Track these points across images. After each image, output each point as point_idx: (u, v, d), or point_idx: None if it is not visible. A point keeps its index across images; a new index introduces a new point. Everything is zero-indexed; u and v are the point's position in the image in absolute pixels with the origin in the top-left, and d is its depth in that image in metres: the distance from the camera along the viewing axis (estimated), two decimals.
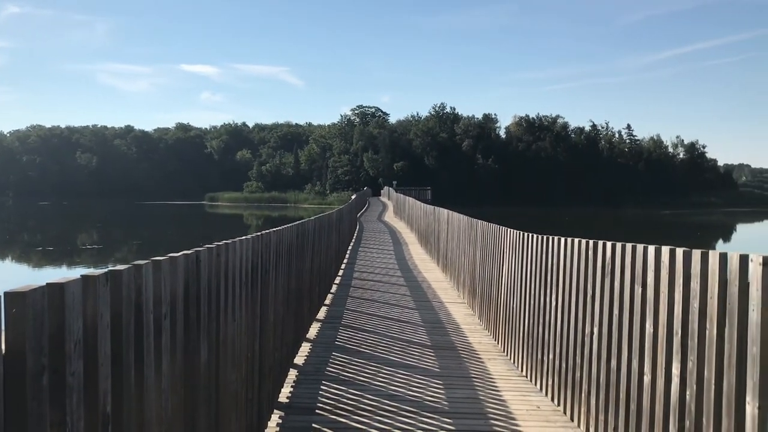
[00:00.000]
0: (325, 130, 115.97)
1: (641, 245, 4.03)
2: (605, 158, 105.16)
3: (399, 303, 10.54)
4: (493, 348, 7.69)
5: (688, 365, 3.39)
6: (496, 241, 8.31)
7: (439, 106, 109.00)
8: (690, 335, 3.39)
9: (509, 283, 7.42)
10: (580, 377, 4.95)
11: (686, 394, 3.40)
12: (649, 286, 3.87)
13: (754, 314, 2.86)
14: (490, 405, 5.48)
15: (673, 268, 3.59)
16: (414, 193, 49.30)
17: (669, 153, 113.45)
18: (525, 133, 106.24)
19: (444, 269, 14.29)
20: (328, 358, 6.85)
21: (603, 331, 4.56)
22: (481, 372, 6.57)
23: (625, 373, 4.17)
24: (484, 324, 8.88)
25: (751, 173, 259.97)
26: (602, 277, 4.62)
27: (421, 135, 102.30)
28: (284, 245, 5.81)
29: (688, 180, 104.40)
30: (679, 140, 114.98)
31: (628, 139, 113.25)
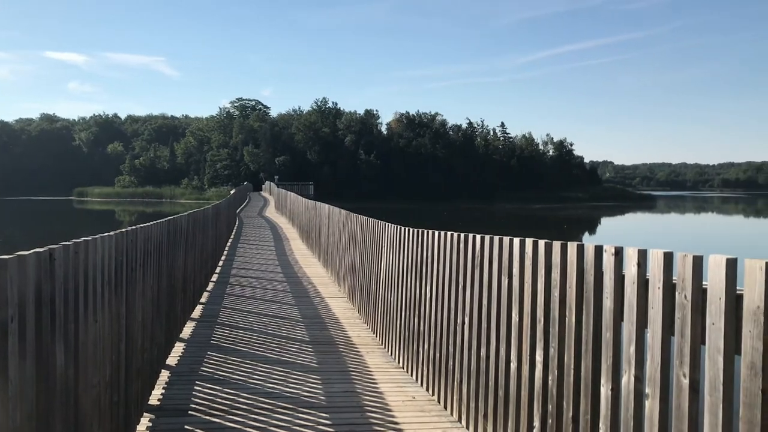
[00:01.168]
0: (203, 122, 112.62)
1: (507, 238, 4.19)
2: (481, 155, 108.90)
3: (278, 299, 10.42)
4: (371, 341, 7.76)
5: (550, 351, 3.57)
6: (375, 235, 8.39)
7: (321, 101, 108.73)
8: (551, 323, 3.56)
9: (387, 276, 7.51)
10: (453, 366, 5.09)
11: (549, 379, 3.57)
12: (515, 277, 4.03)
13: (608, 302, 3.04)
14: (367, 398, 5.52)
15: (536, 260, 3.76)
16: (296, 188, 48.95)
17: (540, 150, 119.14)
18: (405, 129, 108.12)
19: (325, 264, 14.28)
20: (203, 357, 6.66)
21: (474, 321, 4.71)
22: (360, 365, 6.61)
23: (494, 361, 4.32)
24: (363, 318, 8.95)
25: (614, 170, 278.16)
26: (473, 269, 4.77)
27: (304, 129, 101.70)
28: (153, 242, 5.58)
29: (557, 176, 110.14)
30: (549, 138, 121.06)
31: (502, 136, 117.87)
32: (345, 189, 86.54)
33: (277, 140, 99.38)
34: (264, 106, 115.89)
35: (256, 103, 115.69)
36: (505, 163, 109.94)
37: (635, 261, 2.82)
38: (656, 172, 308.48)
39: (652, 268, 2.72)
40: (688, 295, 2.49)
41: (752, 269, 2.19)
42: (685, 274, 2.51)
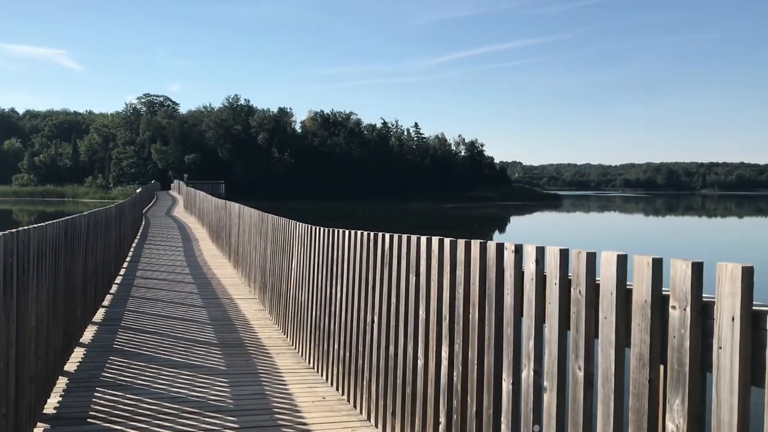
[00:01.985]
0: (108, 119, 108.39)
1: (415, 236, 4.23)
2: (395, 154, 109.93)
3: (185, 301, 10.15)
4: (282, 342, 7.67)
5: (455, 348, 3.62)
6: (286, 235, 8.30)
7: (233, 98, 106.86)
8: (456, 320, 3.62)
9: (298, 276, 7.44)
10: (363, 365, 5.10)
11: (454, 375, 3.63)
12: (422, 275, 4.08)
13: (509, 298, 3.11)
14: (276, 400, 5.45)
15: (442, 257, 3.81)
16: (207, 187, 47.85)
17: (452, 151, 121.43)
18: (320, 128, 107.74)
19: (235, 265, 14.02)
20: (104, 362, 6.39)
21: (382, 319, 4.73)
22: (269, 367, 6.52)
23: (402, 358, 4.36)
24: (274, 319, 8.84)
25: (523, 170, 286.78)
26: (382, 268, 4.79)
27: (215, 127, 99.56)
28: (49, 243, 5.30)
29: (469, 176, 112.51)
30: (461, 139, 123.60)
31: (415, 136, 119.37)
32: (258, 188, 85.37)
33: (186, 138, 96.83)
34: (173, 102, 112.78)
35: (164, 99, 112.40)
36: (419, 163, 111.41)
37: (533, 258, 2.90)
38: (562, 172, 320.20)
39: (549, 264, 2.80)
40: (582, 291, 2.58)
41: (641, 265, 2.29)
42: (580, 270, 2.60)
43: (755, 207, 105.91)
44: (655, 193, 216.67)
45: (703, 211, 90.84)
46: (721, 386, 1.96)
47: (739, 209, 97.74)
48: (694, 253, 24.73)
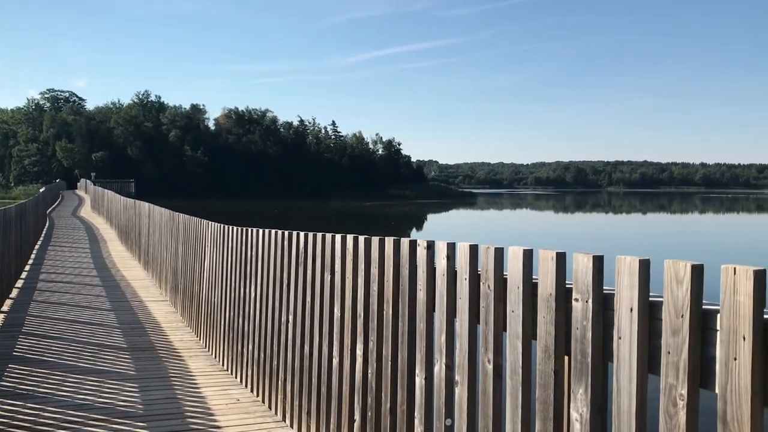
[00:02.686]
0: (7, 114, 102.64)
1: (330, 235, 4.21)
2: (313, 153, 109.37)
3: (92, 305, 9.74)
4: (194, 345, 7.49)
5: (370, 345, 3.63)
6: (197, 234, 8.10)
7: (143, 94, 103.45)
8: (371, 317, 3.63)
9: (211, 276, 7.28)
10: (278, 366, 5.04)
11: (368, 372, 3.63)
12: (337, 273, 4.06)
13: (422, 294, 3.14)
14: (188, 403, 5.31)
15: (356, 255, 3.81)
16: (115, 186, 46.19)
17: (370, 149, 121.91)
18: (235, 125, 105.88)
19: (146, 266, 13.58)
20: (3, 371, 6.05)
21: (297, 319, 4.69)
22: (181, 371, 6.35)
23: (317, 357, 4.33)
24: (186, 321, 8.61)
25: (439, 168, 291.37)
26: (297, 267, 4.74)
27: (124, 124, 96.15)
28: None
29: (386, 174, 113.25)
30: (379, 137, 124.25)
31: (333, 135, 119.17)
32: (170, 187, 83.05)
33: (93, 135, 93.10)
34: (79, 98, 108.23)
35: (69, 95, 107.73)
36: (337, 161, 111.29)
37: (445, 254, 2.94)
38: (477, 171, 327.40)
39: (460, 260, 2.84)
40: (491, 285, 2.64)
41: (545, 259, 2.35)
42: (488, 265, 2.65)
43: (657, 203, 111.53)
44: (565, 191, 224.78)
45: (609, 208, 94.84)
46: (621, 375, 2.04)
47: (642, 206, 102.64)
48: (599, 247, 25.82)
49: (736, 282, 1.70)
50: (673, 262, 1.88)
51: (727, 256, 24.67)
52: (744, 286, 1.68)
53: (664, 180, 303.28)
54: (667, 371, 1.89)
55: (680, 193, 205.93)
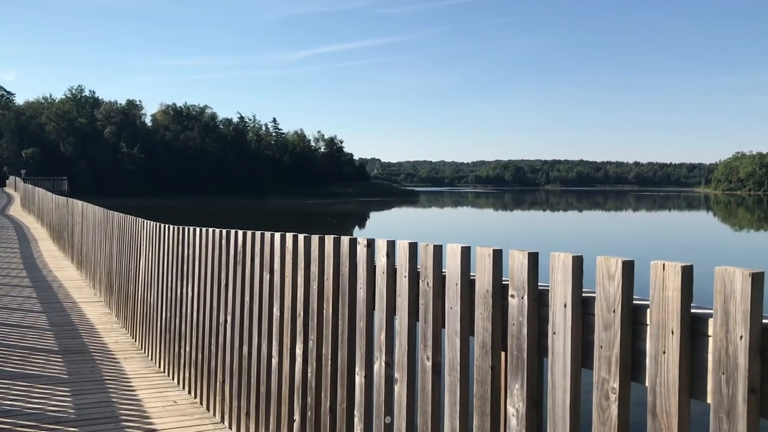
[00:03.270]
0: None
1: (269, 233, 4.16)
2: (253, 150, 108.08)
3: (22, 306, 9.38)
4: (130, 347, 7.29)
5: (310, 344, 3.60)
6: (133, 233, 7.89)
7: (76, 89, 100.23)
8: (311, 316, 3.60)
9: (147, 276, 7.10)
10: (216, 366, 4.95)
11: (308, 372, 3.60)
12: (276, 272, 4.01)
13: (362, 292, 3.13)
14: (123, 407, 5.17)
15: (296, 254, 3.77)
16: (47, 184, 44.60)
17: (311, 147, 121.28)
18: (173, 122, 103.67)
19: (79, 266, 13.16)
20: None
21: (236, 319, 4.62)
22: (116, 373, 6.17)
23: (256, 358, 4.27)
24: (121, 322, 8.38)
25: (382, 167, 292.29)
26: (235, 266, 4.67)
27: (56, 119, 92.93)
28: None
29: (328, 172, 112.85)
30: (321, 135, 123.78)
31: (274, 132, 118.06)
32: (105, 184, 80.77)
33: (23, 131, 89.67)
34: (7, 92, 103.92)
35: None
36: (278, 158, 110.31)
37: (384, 252, 2.94)
38: (419, 169, 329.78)
39: (399, 258, 2.85)
40: (430, 282, 2.65)
41: (482, 256, 2.37)
42: (427, 262, 2.66)
43: (593, 201, 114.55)
44: (504, 189, 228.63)
45: (547, 206, 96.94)
46: (555, 370, 2.08)
47: (579, 203, 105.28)
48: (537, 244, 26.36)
49: (665, 277, 1.75)
50: (604, 259, 1.92)
51: (659, 252, 25.55)
52: (672, 281, 1.73)
53: (599, 178, 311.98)
54: (599, 365, 1.93)
55: (615, 191, 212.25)
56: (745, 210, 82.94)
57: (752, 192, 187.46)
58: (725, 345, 1.61)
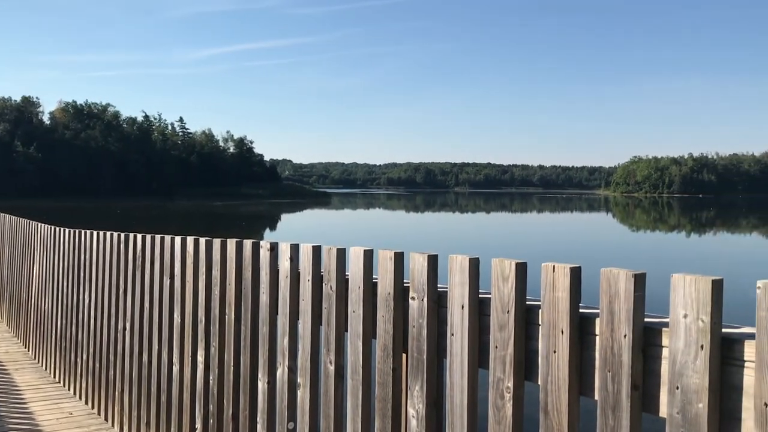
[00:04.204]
0: None
1: (169, 237, 4.03)
2: (159, 150, 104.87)
3: None
4: (22, 357, 6.91)
5: (211, 351, 3.51)
6: (26, 237, 7.47)
7: None
8: (212, 322, 3.51)
9: (41, 283, 6.74)
10: (114, 375, 4.76)
11: (210, 379, 3.51)
12: (177, 277, 3.90)
13: (264, 296, 3.08)
14: (14, 420, 4.88)
15: (197, 258, 3.67)
16: None
17: (220, 147, 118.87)
18: (73, 120, 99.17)
19: None
20: None
21: (135, 326, 4.45)
22: (7, 385, 5.83)
23: (156, 366, 4.13)
24: (13, 331, 7.93)
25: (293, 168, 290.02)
26: (134, 271, 4.50)
27: None
28: None
29: (238, 173, 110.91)
30: (230, 135, 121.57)
31: (181, 131, 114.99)
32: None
33: None
34: None
35: None
36: (185, 159, 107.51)
37: (288, 255, 2.90)
38: (331, 171, 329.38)
39: (303, 261, 2.82)
40: (333, 286, 2.63)
41: (384, 259, 2.38)
42: (331, 266, 2.65)
43: (500, 203, 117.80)
44: (415, 191, 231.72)
45: (456, 207, 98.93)
46: (453, 370, 2.11)
47: (486, 205, 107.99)
48: (444, 246, 26.81)
49: (555, 279, 1.80)
50: (499, 261, 1.96)
51: (559, 253, 26.51)
52: (562, 282, 1.79)
53: (506, 181, 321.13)
54: (495, 365, 1.97)
55: (520, 194, 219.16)
56: (642, 211, 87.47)
57: (648, 194, 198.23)
58: (611, 343, 1.68)
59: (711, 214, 76.84)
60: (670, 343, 1.56)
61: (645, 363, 1.64)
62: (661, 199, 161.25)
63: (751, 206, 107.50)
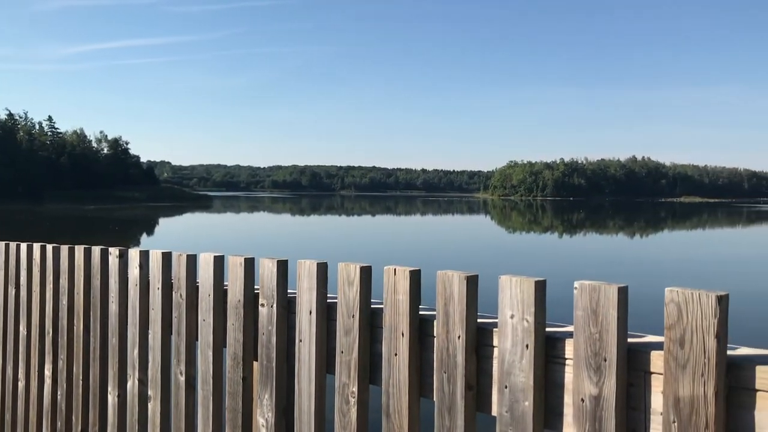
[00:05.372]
0: None
1: (15, 243, 3.76)
2: (25, 150, 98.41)
3: None
4: None
5: (59, 364, 3.30)
6: None
7: None
8: (60, 333, 3.30)
9: None
10: None
11: (58, 394, 3.30)
12: (23, 286, 3.64)
13: (114, 306, 2.93)
14: None
15: (44, 266, 3.45)
16: None
17: (93, 147, 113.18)
18: None
19: None
20: None
21: None
22: None
23: (0, 382, 3.84)
24: None
25: (173, 170, 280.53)
26: None
27: None
28: None
29: (113, 175, 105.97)
30: (103, 135, 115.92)
31: (50, 131, 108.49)
32: None
33: None
34: None
35: None
36: (54, 160, 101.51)
37: (137, 263, 2.77)
38: (213, 173, 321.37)
39: (153, 269, 2.70)
40: (183, 294, 2.54)
41: (234, 265, 2.32)
42: (181, 273, 2.55)
43: (385, 206, 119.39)
44: (301, 194, 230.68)
45: (342, 210, 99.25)
46: (301, 377, 2.08)
47: (371, 208, 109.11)
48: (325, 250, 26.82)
49: (396, 281, 1.82)
50: (345, 265, 1.95)
51: (433, 257, 27.19)
52: (402, 285, 1.80)
53: (390, 184, 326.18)
54: (340, 370, 1.96)
55: (405, 197, 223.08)
56: (518, 213, 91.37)
57: (523, 197, 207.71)
58: (446, 345, 1.71)
59: (581, 216, 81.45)
60: (499, 343, 1.61)
61: (479, 363, 1.69)
62: (536, 201, 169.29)
63: (617, 208, 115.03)
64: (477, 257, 26.27)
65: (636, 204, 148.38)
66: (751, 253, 30.34)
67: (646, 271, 21.79)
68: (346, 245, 33.49)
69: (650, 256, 28.47)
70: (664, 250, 32.56)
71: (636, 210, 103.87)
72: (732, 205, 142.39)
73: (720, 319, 1.27)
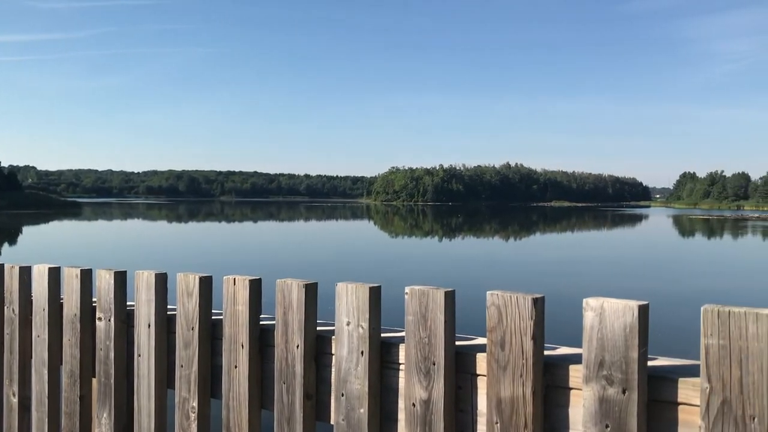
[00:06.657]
0: None
1: None
2: None
3: None
4: None
5: None
6: None
7: None
8: None
9: None
10: None
11: None
12: None
13: None
14: None
15: None
16: None
17: None
18: None
19: None
20: None
21: None
22: None
23: None
24: None
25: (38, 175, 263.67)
26: None
27: None
28: None
29: None
30: None
31: None
32: None
33: None
34: None
35: None
36: None
37: None
38: (82, 178, 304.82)
39: None
40: (15, 309, 2.37)
41: (70, 277, 2.19)
42: (13, 286, 2.38)
43: (267, 212, 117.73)
44: (178, 200, 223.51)
45: (222, 217, 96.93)
46: (141, 393, 1.99)
47: (253, 214, 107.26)
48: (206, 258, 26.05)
49: (236, 292, 1.77)
50: (183, 275, 1.88)
51: (314, 264, 27.16)
52: (242, 295, 1.76)
53: (273, 189, 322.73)
54: (180, 385, 1.89)
55: (288, 202, 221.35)
56: (400, 218, 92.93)
57: (405, 202, 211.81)
58: (285, 354, 1.68)
59: (459, 220, 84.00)
60: (337, 351, 1.60)
61: (319, 372, 1.67)
62: (417, 206, 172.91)
63: (493, 212, 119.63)
64: (359, 264, 26.43)
65: (510, 208, 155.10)
66: (612, 255, 32.43)
67: (511, 273, 22.76)
68: (220, 253, 32.70)
69: (521, 259, 29.77)
70: (534, 253, 34.16)
71: (510, 213, 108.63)
72: (597, 208, 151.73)
73: (536, 321, 1.32)
